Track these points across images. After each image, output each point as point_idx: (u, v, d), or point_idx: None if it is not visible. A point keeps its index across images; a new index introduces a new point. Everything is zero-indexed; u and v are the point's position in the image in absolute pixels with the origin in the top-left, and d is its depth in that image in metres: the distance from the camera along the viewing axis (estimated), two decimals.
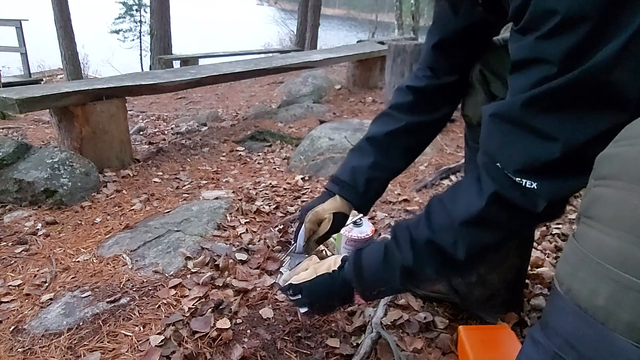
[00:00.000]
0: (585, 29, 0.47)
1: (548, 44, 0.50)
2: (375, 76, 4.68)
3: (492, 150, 0.60)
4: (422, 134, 0.94)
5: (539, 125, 0.53)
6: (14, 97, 2.00)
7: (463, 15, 0.82)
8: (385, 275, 0.74)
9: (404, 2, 8.52)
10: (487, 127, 0.61)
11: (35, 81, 6.81)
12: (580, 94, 0.49)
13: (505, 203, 0.58)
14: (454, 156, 2.41)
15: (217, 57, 7.38)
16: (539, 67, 0.52)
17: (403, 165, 0.98)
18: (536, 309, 1.09)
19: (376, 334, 0.99)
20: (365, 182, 0.91)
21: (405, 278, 0.72)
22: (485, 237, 0.63)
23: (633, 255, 0.36)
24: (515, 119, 0.56)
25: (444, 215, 0.67)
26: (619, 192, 0.39)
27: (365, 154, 0.92)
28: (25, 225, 1.69)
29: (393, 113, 0.92)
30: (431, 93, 0.90)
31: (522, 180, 0.55)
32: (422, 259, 0.69)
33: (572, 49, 0.48)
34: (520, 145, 0.55)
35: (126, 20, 14.85)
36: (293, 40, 11.49)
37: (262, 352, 0.98)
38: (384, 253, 0.74)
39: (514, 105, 0.55)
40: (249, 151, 2.85)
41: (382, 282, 0.76)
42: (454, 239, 0.64)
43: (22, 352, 1.02)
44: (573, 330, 0.41)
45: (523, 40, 0.54)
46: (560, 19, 0.48)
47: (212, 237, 1.52)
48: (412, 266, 0.70)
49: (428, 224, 0.68)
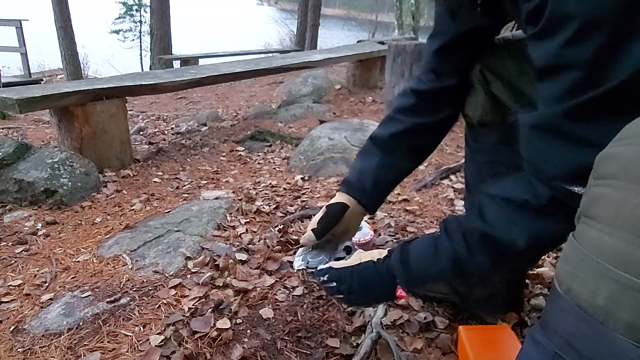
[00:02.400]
0: (607, 32, 0.47)
1: (573, 49, 0.50)
2: (376, 76, 4.68)
3: (538, 161, 0.59)
4: (425, 136, 0.95)
5: (580, 134, 0.53)
6: (14, 97, 2.00)
7: (461, 20, 0.83)
8: (434, 267, 0.72)
9: (404, 2, 8.52)
10: (528, 138, 0.60)
11: (35, 81, 6.81)
12: (619, 101, 0.49)
13: (563, 206, 0.57)
14: (454, 156, 2.41)
15: (217, 57, 7.39)
16: (568, 73, 0.52)
17: (410, 165, 0.99)
18: (536, 309, 1.09)
19: (376, 334, 0.99)
20: (373, 182, 0.92)
21: (456, 270, 0.70)
22: (547, 227, 0.61)
23: (633, 255, 0.36)
24: (558, 130, 0.55)
25: (497, 208, 0.65)
26: (619, 191, 0.39)
27: (371, 155, 0.93)
28: (25, 225, 1.69)
29: (397, 116, 0.94)
30: (434, 96, 0.91)
31: (572, 187, 0.54)
32: (475, 250, 0.67)
33: (597, 53, 0.48)
34: (566, 155, 0.55)
35: (126, 20, 14.85)
36: (293, 40, 11.49)
37: (262, 352, 0.98)
38: (435, 244, 0.73)
39: (555, 116, 0.55)
40: (249, 151, 2.85)
41: (429, 274, 0.74)
42: (513, 228, 0.63)
43: (22, 352, 1.02)
44: (573, 330, 0.41)
45: (544, 45, 0.54)
46: (579, 23, 0.48)
47: (212, 237, 1.52)
48: (465, 257, 0.68)
49: (481, 217, 0.66)
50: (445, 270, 0.71)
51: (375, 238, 1.46)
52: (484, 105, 0.89)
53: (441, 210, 1.74)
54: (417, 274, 0.75)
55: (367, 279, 0.80)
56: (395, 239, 1.49)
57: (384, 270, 0.79)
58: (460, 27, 0.84)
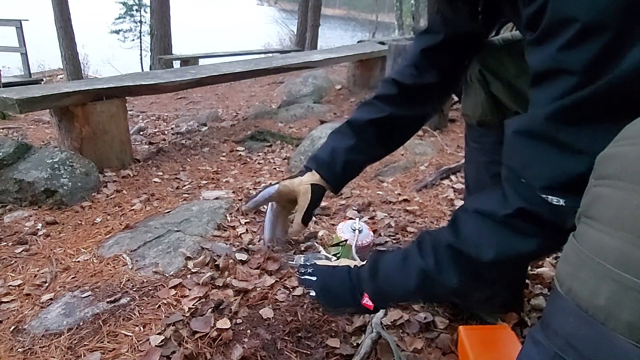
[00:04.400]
0: (607, 37, 0.46)
1: (570, 53, 0.49)
2: (376, 76, 4.67)
3: (516, 167, 0.58)
4: (402, 127, 0.96)
5: (563, 139, 0.51)
6: (14, 97, 2.00)
7: (452, 24, 0.84)
8: (401, 279, 0.71)
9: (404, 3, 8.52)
10: (510, 143, 0.59)
11: (35, 81, 6.81)
12: (605, 105, 0.48)
13: (533, 217, 0.56)
14: (454, 156, 2.41)
15: (217, 57, 7.38)
16: (562, 78, 0.50)
17: (381, 153, 0.99)
18: (536, 309, 1.09)
19: (376, 334, 0.99)
20: (343, 163, 0.92)
21: (421, 283, 0.69)
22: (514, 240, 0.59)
23: (634, 255, 0.36)
24: (538, 134, 0.54)
25: (468, 220, 0.65)
26: (619, 192, 0.39)
27: (346, 137, 0.94)
28: (25, 225, 1.69)
29: (377, 103, 0.94)
30: (414, 91, 0.91)
31: (548, 197, 0.53)
32: (444, 263, 0.66)
33: (595, 58, 0.47)
34: (545, 161, 0.53)
35: (126, 21, 14.85)
36: (293, 40, 11.50)
37: (262, 352, 0.98)
38: (404, 255, 0.72)
39: (537, 119, 0.53)
40: (249, 151, 2.85)
41: (396, 286, 0.73)
42: (480, 241, 0.61)
43: (22, 352, 1.02)
44: (573, 331, 0.41)
45: (542, 50, 0.53)
46: (580, 26, 0.47)
47: (212, 237, 1.52)
48: (432, 271, 0.67)
49: (453, 230, 0.66)
50: (411, 281, 0.69)
51: (375, 239, 1.46)
52: (483, 106, 0.89)
53: (441, 210, 1.74)
54: (384, 284, 0.75)
55: (339, 282, 0.80)
56: (395, 240, 1.49)
57: (354, 276, 0.79)
58: (450, 30, 0.85)
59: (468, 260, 0.63)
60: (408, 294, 0.74)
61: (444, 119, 2.86)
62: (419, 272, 0.68)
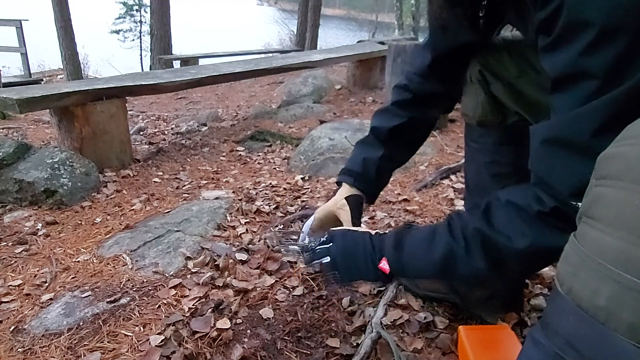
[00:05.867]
0: (625, 40, 0.46)
1: (590, 57, 0.48)
2: (376, 76, 4.68)
3: (544, 174, 0.58)
4: (421, 129, 1.01)
5: (587, 144, 0.51)
6: (14, 97, 2.00)
7: (451, 35, 0.85)
8: (426, 252, 0.71)
9: (404, 3, 8.52)
10: (536, 150, 0.59)
11: (35, 81, 6.80)
12: (628, 107, 0.48)
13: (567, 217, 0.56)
14: (454, 156, 2.41)
15: (217, 57, 7.38)
16: (584, 82, 0.50)
17: (407, 156, 1.05)
18: (536, 309, 1.09)
19: (376, 334, 0.99)
20: (376, 173, 0.96)
21: (446, 261, 0.68)
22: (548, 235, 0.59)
23: (634, 255, 0.36)
24: (563, 140, 0.54)
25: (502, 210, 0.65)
26: (620, 192, 0.39)
27: (374, 147, 0.98)
28: (25, 225, 1.69)
29: (395, 109, 0.97)
30: (424, 97, 0.96)
31: (577, 204, 0.51)
32: (472, 247, 0.66)
33: (615, 61, 0.47)
34: (571, 168, 0.53)
35: (126, 21, 14.85)
36: (293, 40, 11.49)
37: (262, 352, 0.98)
38: (433, 231, 0.72)
39: (561, 126, 0.53)
40: (249, 151, 2.84)
41: (419, 257, 0.72)
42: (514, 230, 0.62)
43: (22, 352, 1.02)
44: (574, 331, 0.41)
45: (559, 54, 0.52)
46: (598, 30, 0.47)
47: (212, 237, 1.52)
48: (460, 251, 0.67)
49: (485, 218, 0.66)
50: (436, 258, 0.69)
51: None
52: (484, 106, 0.89)
53: (441, 210, 1.74)
54: (407, 254, 0.74)
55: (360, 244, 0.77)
56: None
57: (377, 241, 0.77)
58: (449, 42, 0.87)
59: (496, 247, 0.63)
60: (428, 268, 0.72)
61: (444, 119, 2.85)
62: (446, 250, 0.68)
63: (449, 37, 0.86)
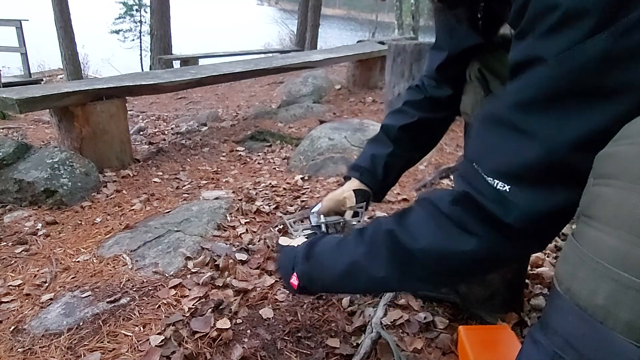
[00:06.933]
0: (585, 25, 0.43)
1: (545, 41, 0.47)
2: (376, 76, 4.68)
3: (474, 152, 0.58)
4: (432, 130, 1.01)
5: (520, 124, 0.49)
6: (14, 97, 2.00)
7: (457, 37, 0.86)
8: (330, 263, 0.70)
9: (404, 2, 8.52)
10: (475, 130, 0.59)
11: (35, 81, 6.80)
12: (568, 89, 0.46)
13: (474, 206, 0.54)
14: (453, 155, 2.41)
15: (217, 57, 7.38)
16: (535, 68, 0.48)
17: (418, 156, 1.04)
18: (536, 309, 1.09)
19: (376, 334, 0.99)
20: (384, 169, 0.96)
21: (348, 270, 0.67)
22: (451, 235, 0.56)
23: (632, 254, 0.36)
24: (499, 119, 0.53)
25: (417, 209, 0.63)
26: (618, 191, 0.39)
27: (383, 144, 0.98)
28: (25, 225, 1.69)
29: (406, 109, 0.98)
30: (436, 98, 0.97)
31: (494, 181, 0.51)
32: (376, 250, 0.63)
33: (569, 45, 0.45)
34: (501, 146, 0.52)
35: (126, 21, 14.83)
36: (293, 40, 11.49)
37: (262, 352, 0.98)
38: (341, 239, 0.73)
39: (500, 105, 0.53)
40: (249, 151, 2.85)
41: (324, 268, 0.72)
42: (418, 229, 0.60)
43: (22, 352, 1.02)
44: (573, 330, 0.41)
45: (521, 43, 0.51)
46: (562, 12, 0.45)
47: (212, 237, 1.52)
48: (361, 259, 0.65)
49: (399, 216, 0.65)
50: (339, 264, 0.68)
51: None
52: (482, 104, 0.89)
53: None
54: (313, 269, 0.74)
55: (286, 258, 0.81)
56: None
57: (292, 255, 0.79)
58: (456, 45, 0.88)
59: (400, 248, 0.61)
60: (333, 280, 0.71)
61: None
62: (348, 260, 0.67)
63: (454, 41, 0.87)
